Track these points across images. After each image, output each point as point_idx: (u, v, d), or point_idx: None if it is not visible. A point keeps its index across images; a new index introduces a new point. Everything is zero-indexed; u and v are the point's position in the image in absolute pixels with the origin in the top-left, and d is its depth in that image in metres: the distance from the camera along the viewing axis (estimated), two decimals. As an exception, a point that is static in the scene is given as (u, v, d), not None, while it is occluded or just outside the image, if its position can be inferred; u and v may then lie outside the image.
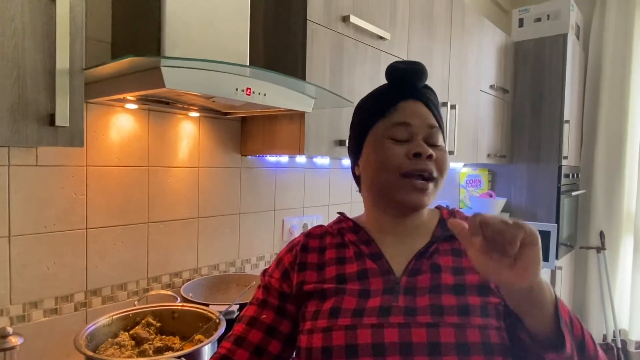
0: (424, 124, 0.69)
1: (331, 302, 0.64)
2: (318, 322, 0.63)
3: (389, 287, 0.65)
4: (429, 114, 0.70)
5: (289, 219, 1.71)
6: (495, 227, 0.47)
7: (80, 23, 0.78)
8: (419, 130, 0.68)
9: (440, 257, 0.67)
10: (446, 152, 0.71)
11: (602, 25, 2.91)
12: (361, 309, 0.62)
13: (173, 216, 1.32)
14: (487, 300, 0.62)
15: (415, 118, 0.69)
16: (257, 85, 0.98)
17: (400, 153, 0.67)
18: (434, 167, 0.67)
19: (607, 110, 2.89)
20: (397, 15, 1.61)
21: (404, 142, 0.68)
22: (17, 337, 0.87)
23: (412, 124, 0.68)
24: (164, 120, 1.28)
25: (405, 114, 0.69)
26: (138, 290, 1.24)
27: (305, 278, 0.70)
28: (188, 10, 0.98)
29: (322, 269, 0.70)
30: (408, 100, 0.70)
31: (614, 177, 2.88)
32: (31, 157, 1.02)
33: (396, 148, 0.68)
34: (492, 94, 2.46)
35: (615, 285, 2.90)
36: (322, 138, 1.34)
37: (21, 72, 0.71)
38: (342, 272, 0.68)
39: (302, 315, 0.68)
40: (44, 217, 1.05)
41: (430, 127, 0.69)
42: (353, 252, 0.71)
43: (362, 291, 0.65)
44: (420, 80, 0.72)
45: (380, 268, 0.67)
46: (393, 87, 0.73)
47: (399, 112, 0.70)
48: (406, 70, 0.71)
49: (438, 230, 0.72)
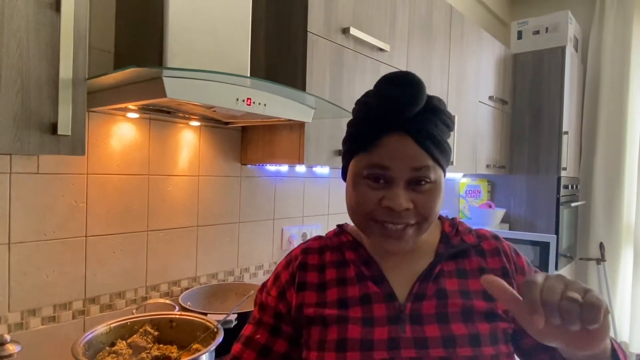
0: (407, 166, 0.59)
1: (335, 332, 0.62)
2: (326, 355, 0.61)
3: (393, 314, 0.62)
4: (417, 152, 0.59)
5: (288, 228, 1.72)
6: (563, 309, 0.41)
7: (84, 33, 0.79)
8: (399, 174, 0.59)
9: (446, 280, 0.64)
10: (436, 189, 0.61)
11: (600, 38, 2.94)
12: (369, 341, 0.60)
13: (173, 224, 1.33)
14: (496, 327, 0.60)
15: (396, 160, 0.59)
16: (258, 96, 0.99)
17: (374, 199, 0.60)
18: (412, 216, 0.60)
19: (605, 121, 2.91)
20: (397, 27, 1.63)
21: (381, 186, 0.61)
22: (14, 345, 0.87)
23: (390, 167, 0.59)
24: (165, 129, 1.29)
25: (385, 155, 0.60)
26: (136, 299, 1.24)
27: (305, 300, 0.67)
28: (190, 21, 0.99)
29: (322, 290, 0.67)
30: (392, 135, 0.60)
31: (613, 188, 2.88)
32: (33, 165, 1.03)
33: (370, 193, 0.61)
34: (491, 105, 2.48)
35: (615, 297, 2.89)
36: (321, 148, 1.35)
37: (25, 81, 0.72)
38: (344, 297, 0.65)
39: (306, 343, 0.65)
40: (44, 225, 1.05)
41: (416, 169, 0.59)
42: (354, 273, 0.67)
43: (366, 318, 0.62)
44: (410, 109, 0.59)
45: (383, 292, 0.64)
46: (379, 114, 0.61)
47: (380, 151, 0.60)
48: (392, 98, 0.59)
49: (441, 247, 0.68)
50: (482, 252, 0.69)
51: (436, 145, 0.61)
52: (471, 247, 0.69)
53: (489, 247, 0.69)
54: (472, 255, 0.68)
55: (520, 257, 0.70)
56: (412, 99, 0.58)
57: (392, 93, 0.59)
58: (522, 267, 0.68)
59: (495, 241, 0.70)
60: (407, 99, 0.58)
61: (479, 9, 3.05)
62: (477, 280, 0.65)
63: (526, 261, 0.70)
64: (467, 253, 0.68)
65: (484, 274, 0.64)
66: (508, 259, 0.68)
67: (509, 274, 0.66)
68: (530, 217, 2.75)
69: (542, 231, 2.66)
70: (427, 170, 0.60)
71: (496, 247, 0.69)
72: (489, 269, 0.66)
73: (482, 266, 0.67)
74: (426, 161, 0.60)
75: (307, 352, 0.65)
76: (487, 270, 0.66)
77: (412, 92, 0.58)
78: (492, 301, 0.63)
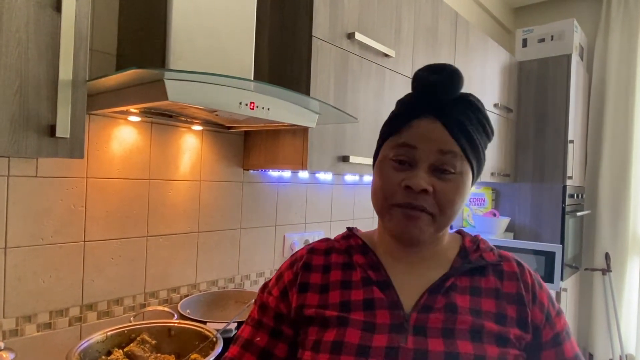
0: (434, 148, 0.60)
1: (333, 334, 0.60)
2: (319, 356, 0.59)
3: (396, 323, 0.59)
4: (445, 136, 0.60)
5: (290, 235, 1.69)
6: None
7: (85, 34, 0.77)
8: (424, 156, 0.60)
9: (457, 295, 0.61)
10: (459, 183, 0.61)
11: (605, 47, 2.93)
12: (366, 347, 0.57)
13: (173, 230, 1.30)
14: (506, 352, 0.57)
15: (423, 140, 0.60)
16: (261, 100, 0.97)
17: (397, 181, 0.61)
18: (429, 203, 0.59)
19: (611, 130, 2.89)
20: (402, 33, 1.62)
21: (406, 167, 0.61)
22: (8, 353, 0.85)
23: (417, 147, 0.60)
24: (166, 133, 1.28)
25: (413, 135, 0.61)
26: (135, 306, 1.22)
27: (306, 301, 0.65)
28: (194, 23, 0.98)
29: (325, 291, 0.65)
30: (423, 118, 0.61)
31: (619, 197, 2.85)
32: (31, 168, 1.01)
33: (394, 174, 0.62)
34: (496, 113, 2.46)
35: (621, 308, 2.84)
36: (325, 154, 1.33)
37: (23, 82, 0.71)
38: (346, 299, 0.63)
39: (302, 342, 0.63)
40: (41, 229, 1.03)
41: (442, 152, 0.60)
42: (360, 277, 0.65)
43: (367, 324, 0.60)
44: (444, 94, 0.61)
45: (388, 299, 0.61)
46: (414, 99, 0.64)
47: (409, 132, 0.62)
48: (427, 82, 0.62)
49: (458, 261, 0.65)
50: (500, 274, 0.65)
51: (466, 136, 0.61)
52: (490, 265, 0.65)
53: (509, 270, 0.65)
54: (489, 275, 0.65)
55: (543, 291, 0.65)
56: (446, 83, 0.61)
57: (427, 77, 0.62)
58: (541, 302, 0.64)
59: (518, 266, 0.66)
60: (441, 83, 0.61)
61: (484, 17, 3.04)
62: (490, 300, 0.62)
63: (549, 297, 0.65)
64: (485, 271, 0.65)
65: (498, 296, 0.62)
66: (527, 287, 0.64)
67: (523, 302, 0.62)
68: (535, 226, 2.72)
69: (547, 240, 2.62)
70: (453, 158, 0.60)
71: (515, 272, 0.65)
72: (503, 292, 0.63)
73: (498, 287, 0.63)
74: (453, 147, 0.60)
75: (301, 352, 0.62)
76: (501, 293, 0.63)
77: (447, 77, 0.61)
78: (504, 325, 0.59)
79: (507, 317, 0.60)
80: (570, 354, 0.62)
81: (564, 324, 0.65)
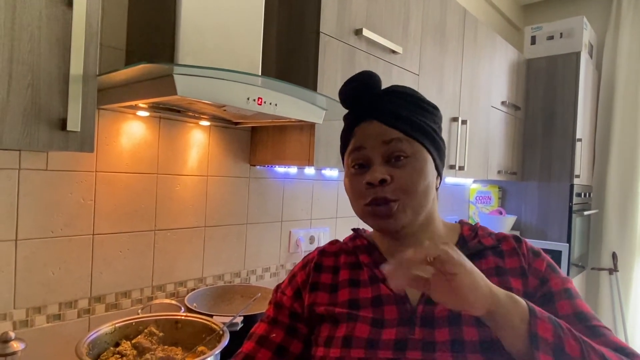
0: (377, 142, 0.64)
1: (344, 330, 0.62)
2: (331, 350, 0.61)
3: (404, 316, 0.62)
4: (383, 128, 0.65)
5: (295, 231, 1.70)
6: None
7: (96, 29, 0.78)
8: (373, 152, 0.65)
9: None
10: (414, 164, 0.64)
11: (615, 44, 2.90)
12: (375, 340, 0.60)
13: (180, 224, 1.32)
14: None
15: (367, 139, 0.65)
16: (269, 95, 0.97)
17: (361, 182, 0.65)
18: (390, 191, 0.63)
19: (619, 129, 2.86)
20: (410, 30, 1.61)
21: (365, 169, 0.66)
22: (18, 343, 0.86)
23: (365, 146, 0.65)
24: (174, 128, 1.29)
25: (359, 138, 0.67)
26: (142, 299, 1.23)
27: (317, 300, 0.68)
28: (202, 19, 0.98)
29: (334, 290, 0.68)
30: (361, 123, 0.67)
31: (627, 197, 2.83)
32: (41, 162, 1.02)
33: (357, 178, 0.66)
34: (504, 111, 2.44)
35: (627, 308, 2.83)
36: (331, 150, 1.33)
37: (35, 76, 0.72)
38: (355, 297, 0.66)
39: (315, 339, 0.66)
40: (51, 222, 1.04)
41: (385, 142, 0.64)
42: (368, 276, 0.68)
43: (376, 320, 0.62)
44: (367, 92, 0.67)
45: (395, 295, 0.64)
46: (350, 110, 0.70)
47: (355, 138, 0.67)
48: (344, 93, 0.68)
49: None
50: (500, 253, 0.67)
51: (402, 121, 0.65)
52: (488, 248, 0.67)
53: (508, 248, 0.68)
54: (489, 256, 0.67)
55: (539, 259, 0.67)
56: (364, 83, 0.67)
57: (347, 87, 0.68)
58: (535, 268, 0.65)
59: (516, 241, 0.69)
60: (360, 86, 0.67)
61: (493, 14, 3.02)
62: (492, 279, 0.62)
63: (548, 264, 0.66)
64: (484, 254, 0.67)
65: (500, 273, 0.64)
66: (525, 259, 0.66)
67: (526, 273, 0.65)
68: (542, 225, 2.71)
69: (554, 239, 2.61)
70: (399, 143, 0.64)
71: (514, 247, 0.68)
72: (506, 269, 0.65)
73: (499, 265, 0.66)
74: (394, 134, 0.64)
75: (314, 348, 0.65)
76: (504, 269, 0.65)
77: (362, 79, 0.67)
78: None
79: (513, 290, 0.62)
80: (565, 312, 0.62)
81: (561, 285, 0.64)
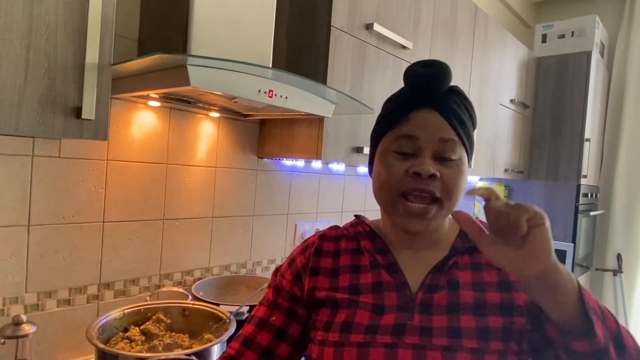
0: (434, 136, 0.62)
1: (344, 314, 0.63)
2: (330, 334, 0.62)
3: (404, 303, 0.62)
4: (443, 124, 0.63)
5: (301, 224, 1.71)
6: (497, 211, 0.46)
7: (111, 19, 0.79)
8: (426, 144, 0.62)
9: (459, 272, 0.64)
10: (461, 168, 0.64)
11: (627, 44, 2.87)
12: (375, 326, 0.60)
13: (188, 214, 1.33)
14: (511, 322, 0.59)
15: (423, 130, 0.62)
16: (280, 88, 0.98)
17: (402, 169, 0.62)
18: (437, 188, 0.61)
19: (629, 130, 2.84)
20: (420, 25, 1.61)
21: (409, 157, 0.63)
22: (30, 325, 0.89)
23: (418, 136, 0.62)
24: (184, 119, 1.30)
25: (413, 126, 0.63)
26: (150, 286, 1.25)
27: (317, 284, 0.68)
28: (215, 11, 0.99)
29: (335, 275, 0.68)
30: (421, 110, 0.64)
31: (633, 199, 2.81)
32: (54, 149, 1.04)
33: (398, 164, 0.63)
34: (512, 109, 2.43)
35: (631, 310, 2.82)
36: (339, 144, 1.34)
37: (52, 64, 0.73)
38: (356, 283, 0.66)
39: (314, 323, 0.66)
40: (63, 209, 1.06)
41: (443, 140, 0.62)
42: (368, 261, 0.68)
43: (376, 305, 0.63)
44: (438, 86, 0.64)
45: (395, 281, 0.64)
46: (409, 93, 0.67)
47: (408, 124, 0.64)
48: (422, 75, 0.64)
49: (458, 242, 0.68)
50: None
51: (460, 124, 0.64)
52: None
53: None
54: None
55: None
56: (437, 76, 0.64)
57: (420, 71, 0.64)
58: None
59: None
60: (434, 76, 0.64)
61: (504, 11, 3.00)
62: (492, 272, 0.64)
63: None
64: None
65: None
66: None
67: None
68: (547, 224, 2.70)
69: (559, 239, 2.60)
70: (453, 145, 0.63)
71: None
72: None
73: None
74: (452, 135, 0.63)
75: (313, 332, 0.65)
76: None
77: (439, 70, 0.64)
78: (509, 292, 0.62)
79: (511, 282, 0.63)
80: None
81: None
